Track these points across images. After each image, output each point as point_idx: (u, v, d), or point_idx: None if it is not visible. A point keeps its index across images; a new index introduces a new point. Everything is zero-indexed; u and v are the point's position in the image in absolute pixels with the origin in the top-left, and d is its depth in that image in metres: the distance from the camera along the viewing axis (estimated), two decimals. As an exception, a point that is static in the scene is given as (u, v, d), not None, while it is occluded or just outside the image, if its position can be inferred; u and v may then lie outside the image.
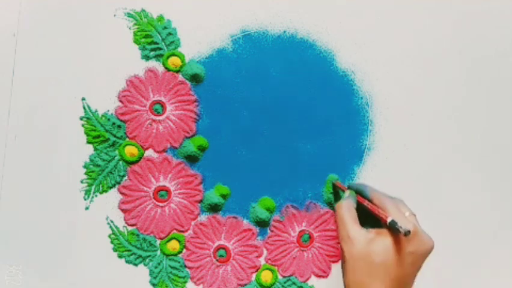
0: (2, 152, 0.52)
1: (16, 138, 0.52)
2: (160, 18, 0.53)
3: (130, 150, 0.52)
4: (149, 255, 0.53)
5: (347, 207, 0.45)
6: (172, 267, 0.53)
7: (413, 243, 0.40)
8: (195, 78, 0.53)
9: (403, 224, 0.39)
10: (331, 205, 0.55)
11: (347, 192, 0.48)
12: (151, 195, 0.53)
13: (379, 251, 0.40)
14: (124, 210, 0.53)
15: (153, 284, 0.53)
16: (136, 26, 0.52)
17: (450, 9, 0.56)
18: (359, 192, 0.48)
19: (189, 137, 0.53)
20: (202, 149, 0.53)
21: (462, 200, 0.56)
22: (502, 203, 0.57)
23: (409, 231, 0.38)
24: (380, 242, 0.41)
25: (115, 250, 0.53)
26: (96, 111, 0.52)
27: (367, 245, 0.41)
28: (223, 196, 0.54)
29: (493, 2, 0.56)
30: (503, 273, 0.57)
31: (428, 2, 0.55)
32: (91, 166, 0.52)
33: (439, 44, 0.56)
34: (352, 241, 0.41)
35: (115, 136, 0.52)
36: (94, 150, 0.52)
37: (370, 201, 0.46)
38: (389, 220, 0.40)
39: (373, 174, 0.55)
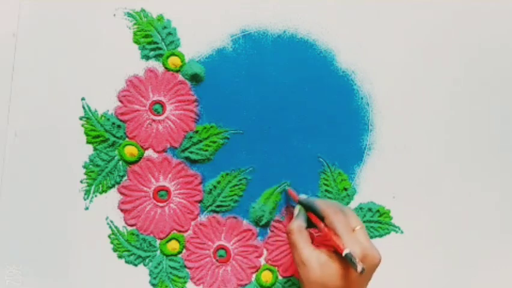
0: (2, 152, 0.52)
1: (16, 138, 0.52)
2: (160, 18, 0.52)
3: (130, 150, 0.52)
4: (149, 256, 0.53)
5: (298, 230, 0.46)
6: (172, 268, 0.53)
7: (363, 262, 0.42)
8: (195, 78, 0.53)
9: (356, 255, 0.42)
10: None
11: (297, 209, 0.49)
12: (151, 195, 0.53)
13: (331, 274, 0.43)
14: (123, 211, 0.53)
15: (153, 284, 0.53)
16: (136, 26, 0.52)
17: (450, 9, 0.56)
18: (310, 208, 0.48)
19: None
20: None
21: (462, 200, 0.56)
22: (502, 202, 0.57)
23: (364, 269, 0.40)
24: (332, 266, 0.43)
25: (114, 250, 0.53)
26: (96, 111, 0.52)
27: (320, 268, 0.43)
28: (223, 196, 0.54)
29: (493, 3, 0.56)
30: (503, 273, 0.57)
31: (428, 3, 0.55)
32: (91, 166, 0.52)
33: (439, 44, 0.56)
34: (306, 266, 0.43)
35: (114, 136, 0.52)
36: (94, 150, 0.52)
37: (321, 219, 0.46)
38: (345, 252, 0.42)
39: (373, 174, 0.55)
